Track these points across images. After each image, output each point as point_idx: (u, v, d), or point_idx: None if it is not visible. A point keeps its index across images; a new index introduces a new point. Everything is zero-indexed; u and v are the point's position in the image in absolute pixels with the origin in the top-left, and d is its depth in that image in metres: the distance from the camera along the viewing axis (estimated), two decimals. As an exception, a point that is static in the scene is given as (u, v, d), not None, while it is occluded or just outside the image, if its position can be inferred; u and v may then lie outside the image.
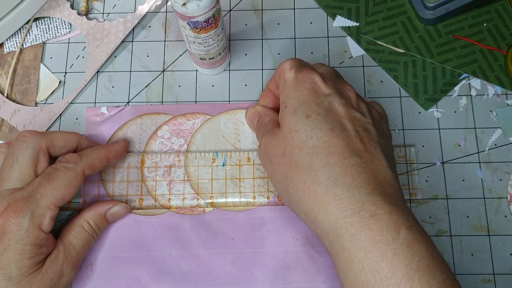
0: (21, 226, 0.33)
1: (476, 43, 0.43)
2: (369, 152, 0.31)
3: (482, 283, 0.38)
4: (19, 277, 0.33)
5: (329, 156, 0.30)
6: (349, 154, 0.30)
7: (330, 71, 0.37)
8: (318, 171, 0.30)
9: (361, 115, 0.33)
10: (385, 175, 0.30)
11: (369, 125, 0.32)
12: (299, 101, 0.32)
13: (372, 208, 0.28)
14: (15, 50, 0.45)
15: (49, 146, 0.36)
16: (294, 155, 0.31)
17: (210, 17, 0.35)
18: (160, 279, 0.38)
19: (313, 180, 0.30)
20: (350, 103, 0.33)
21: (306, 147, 0.31)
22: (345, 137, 0.31)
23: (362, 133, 0.31)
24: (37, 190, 0.34)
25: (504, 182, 0.40)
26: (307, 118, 0.31)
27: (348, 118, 0.32)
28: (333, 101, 0.32)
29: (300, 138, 0.31)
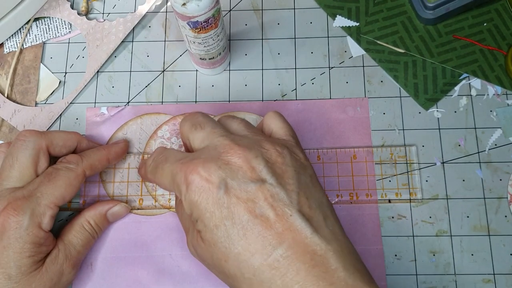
0: (21, 225, 0.33)
1: (476, 43, 0.43)
2: (288, 228, 0.28)
3: (482, 283, 0.37)
4: (18, 276, 0.33)
5: (253, 259, 0.28)
6: (270, 249, 0.28)
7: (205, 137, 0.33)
8: (251, 280, 0.28)
9: (260, 183, 0.29)
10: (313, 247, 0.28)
11: (274, 188, 0.29)
12: (202, 212, 0.30)
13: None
14: (15, 50, 0.45)
15: (49, 145, 0.36)
16: (223, 267, 0.30)
17: (210, 17, 0.35)
18: (160, 279, 0.38)
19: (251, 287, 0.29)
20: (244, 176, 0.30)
21: (230, 258, 0.29)
22: (260, 228, 0.28)
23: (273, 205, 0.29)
24: (38, 189, 0.34)
25: (504, 182, 0.40)
26: (217, 229, 0.29)
27: (251, 200, 0.29)
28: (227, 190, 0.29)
29: (221, 251, 0.29)
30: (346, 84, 0.43)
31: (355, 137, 0.41)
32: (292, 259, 0.28)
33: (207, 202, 0.29)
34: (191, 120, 0.34)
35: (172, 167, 0.32)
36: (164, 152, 0.34)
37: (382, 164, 0.40)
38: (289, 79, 0.43)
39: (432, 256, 0.38)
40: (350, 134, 0.41)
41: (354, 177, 0.40)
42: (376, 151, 0.40)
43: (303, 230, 0.28)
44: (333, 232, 0.30)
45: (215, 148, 0.31)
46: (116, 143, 0.40)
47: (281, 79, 0.43)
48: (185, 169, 0.30)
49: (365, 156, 0.40)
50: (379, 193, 0.39)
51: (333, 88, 0.43)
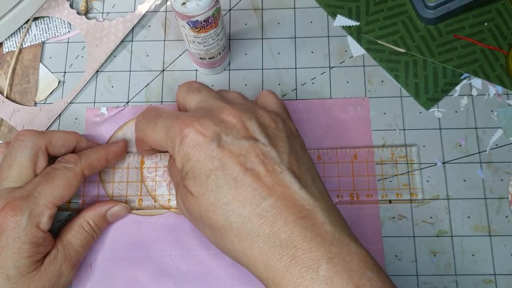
0: (19, 225, 0.32)
1: (477, 42, 0.43)
2: (278, 183, 0.29)
3: (483, 283, 0.37)
4: (17, 276, 0.32)
5: (243, 209, 0.29)
6: (259, 199, 0.29)
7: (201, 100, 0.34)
8: (239, 229, 0.29)
9: (253, 141, 0.30)
10: (302, 202, 0.29)
11: (265, 147, 0.30)
12: (194, 164, 0.30)
13: (292, 251, 0.27)
14: (14, 50, 0.44)
15: (48, 145, 0.36)
16: (211, 218, 0.30)
17: (209, 16, 0.35)
18: (160, 280, 0.38)
19: (238, 239, 0.29)
20: (237, 133, 0.31)
21: (218, 208, 0.29)
22: (250, 180, 0.29)
23: (264, 162, 0.30)
24: (36, 189, 0.34)
25: (505, 182, 0.40)
26: (207, 179, 0.30)
27: (243, 155, 0.30)
28: (220, 144, 0.30)
29: (210, 200, 0.30)
30: (346, 84, 0.43)
31: (356, 137, 0.41)
32: (281, 210, 0.28)
33: (200, 154, 0.30)
34: (188, 86, 0.35)
35: (166, 122, 0.32)
36: (156, 109, 0.35)
37: (382, 164, 0.40)
38: (289, 79, 0.43)
39: (432, 256, 0.38)
40: (350, 134, 0.41)
41: (355, 177, 0.40)
42: (376, 151, 0.40)
43: (292, 186, 0.29)
44: (320, 192, 0.31)
45: (211, 109, 0.32)
46: (115, 143, 0.40)
47: (281, 78, 0.43)
48: (180, 123, 0.31)
49: (365, 156, 0.40)
50: (380, 194, 0.39)
51: (334, 88, 0.43)
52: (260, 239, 0.28)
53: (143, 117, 0.35)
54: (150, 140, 0.34)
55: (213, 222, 0.30)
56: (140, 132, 0.35)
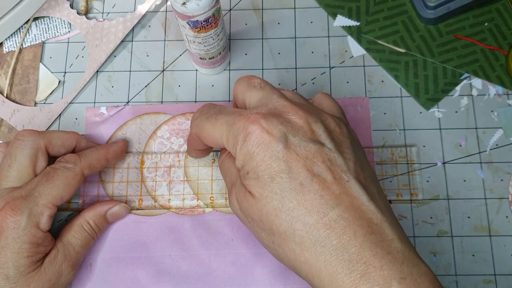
0: (19, 224, 0.33)
1: (477, 42, 0.43)
2: (345, 192, 0.28)
3: (483, 283, 0.37)
4: (16, 276, 0.32)
5: (309, 216, 0.27)
6: (327, 208, 0.27)
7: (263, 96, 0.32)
8: (303, 238, 0.27)
9: (320, 145, 0.29)
10: (370, 215, 0.28)
11: (332, 153, 0.29)
12: (257, 164, 0.29)
13: (362, 267, 0.26)
14: (14, 50, 0.44)
15: (48, 145, 0.36)
16: (273, 222, 0.28)
17: (210, 16, 0.35)
18: (160, 280, 0.38)
19: (301, 247, 0.28)
20: (304, 135, 0.29)
21: (282, 213, 0.28)
22: (317, 187, 0.28)
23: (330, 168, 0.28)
24: (36, 189, 0.34)
25: (505, 182, 0.40)
26: (272, 180, 0.28)
27: (310, 159, 0.28)
28: (287, 145, 0.29)
29: (273, 204, 0.28)
30: (346, 84, 0.43)
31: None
32: (350, 222, 0.27)
33: (264, 154, 0.29)
34: (248, 81, 0.33)
35: (228, 118, 0.31)
36: (215, 105, 0.33)
37: (382, 164, 0.40)
38: (290, 79, 0.43)
39: (433, 256, 0.38)
40: (350, 134, 0.41)
41: (355, 177, 0.40)
42: (376, 151, 0.40)
43: (360, 197, 0.28)
44: (386, 205, 0.29)
45: (275, 107, 0.30)
46: (115, 143, 0.40)
47: (281, 78, 0.43)
48: (244, 119, 0.30)
49: (365, 156, 0.40)
50: (380, 194, 0.39)
51: (334, 88, 0.43)
52: (327, 250, 0.27)
53: (200, 113, 0.33)
54: (208, 136, 0.32)
55: (274, 226, 0.28)
56: (198, 128, 0.33)
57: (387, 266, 0.26)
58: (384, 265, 0.26)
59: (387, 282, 0.26)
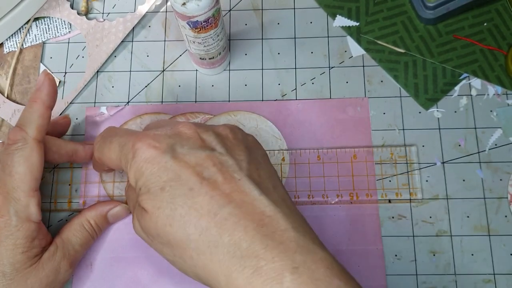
0: (9, 223, 0.32)
1: (477, 43, 0.43)
2: (236, 190, 0.28)
3: (483, 283, 0.37)
4: (13, 273, 0.32)
5: (201, 219, 0.27)
6: (217, 207, 0.27)
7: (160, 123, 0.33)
8: (198, 241, 0.27)
9: (209, 151, 0.29)
10: (262, 208, 0.27)
11: (222, 156, 0.29)
12: (147, 178, 0.29)
13: (254, 262, 0.25)
14: (15, 50, 0.45)
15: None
16: (169, 233, 0.28)
17: (209, 16, 0.35)
18: (160, 279, 0.38)
19: (197, 252, 0.27)
20: (193, 143, 0.30)
21: (175, 221, 0.28)
22: (207, 189, 0.28)
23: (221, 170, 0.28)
24: (7, 186, 0.33)
25: (504, 182, 0.40)
26: (162, 191, 0.28)
27: (199, 165, 0.29)
28: (175, 155, 0.29)
29: (165, 213, 0.28)
30: (346, 84, 0.43)
31: (355, 137, 0.41)
32: (240, 217, 0.27)
33: (153, 167, 0.29)
34: None
35: (120, 139, 0.32)
36: (113, 128, 0.35)
37: (382, 164, 0.40)
38: (289, 79, 0.43)
39: (432, 256, 0.38)
40: (350, 134, 0.41)
41: (354, 177, 0.40)
42: (376, 151, 0.40)
43: (252, 192, 0.28)
44: (282, 198, 0.29)
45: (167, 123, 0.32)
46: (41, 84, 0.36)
47: (281, 79, 0.43)
48: (133, 138, 0.30)
49: (365, 156, 0.40)
50: (379, 193, 0.39)
51: (333, 88, 0.43)
52: (220, 250, 0.26)
53: (101, 137, 0.34)
54: (106, 160, 0.33)
55: (170, 237, 0.28)
56: (98, 152, 0.34)
57: (279, 257, 0.25)
58: (276, 256, 0.25)
59: (279, 273, 0.25)
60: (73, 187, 0.40)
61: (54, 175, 0.40)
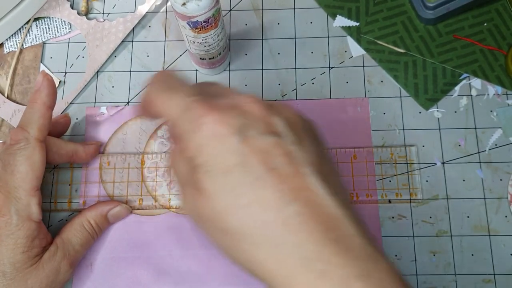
0: (10, 223, 0.33)
1: (477, 43, 0.43)
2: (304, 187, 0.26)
3: (483, 283, 0.37)
4: (13, 273, 0.33)
5: (263, 213, 0.25)
6: (283, 204, 0.25)
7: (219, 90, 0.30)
8: (257, 236, 0.25)
9: (278, 138, 0.27)
10: (329, 210, 0.26)
11: (291, 145, 0.27)
12: (209, 157, 0.26)
13: (319, 267, 0.24)
14: (15, 50, 0.45)
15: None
16: (225, 221, 0.26)
17: (210, 17, 0.35)
18: (160, 279, 0.38)
19: (254, 247, 0.25)
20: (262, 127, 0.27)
21: (235, 210, 0.26)
22: (274, 181, 0.25)
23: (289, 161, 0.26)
24: (8, 184, 0.33)
25: (504, 182, 0.40)
26: (225, 176, 0.26)
27: (268, 152, 0.26)
28: (244, 139, 0.26)
29: (226, 201, 0.26)
30: (346, 84, 0.43)
31: (355, 137, 0.41)
32: (307, 218, 0.25)
33: (218, 147, 0.26)
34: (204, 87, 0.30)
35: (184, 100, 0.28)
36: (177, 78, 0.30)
37: (382, 164, 0.40)
38: (289, 79, 0.43)
39: (432, 256, 0.38)
40: (350, 134, 0.41)
41: (354, 177, 0.40)
42: (376, 151, 0.40)
43: (319, 192, 0.26)
44: (347, 199, 0.28)
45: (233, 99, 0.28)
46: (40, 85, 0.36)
47: (281, 79, 0.43)
48: (200, 107, 0.27)
49: (365, 156, 0.40)
50: (379, 193, 0.39)
51: (333, 88, 0.43)
52: (282, 249, 0.25)
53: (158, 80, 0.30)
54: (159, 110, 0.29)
55: (227, 225, 0.26)
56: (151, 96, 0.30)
57: (347, 263, 0.24)
58: (343, 262, 0.24)
59: (347, 280, 0.24)
60: (73, 187, 0.40)
61: (54, 175, 0.40)
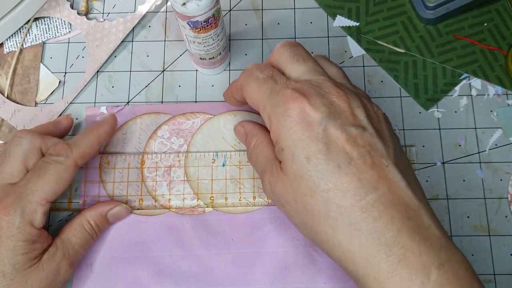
0: (12, 223, 0.32)
1: (477, 43, 0.43)
2: (384, 177, 0.28)
3: (483, 283, 0.37)
4: (13, 273, 0.32)
5: (345, 200, 0.27)
6: (364, 192, 0.27)
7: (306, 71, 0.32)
8: (337, 220, 0.27)
9: (361, 130, 0.29)
10: (407, 200, 0.28)
11: (373, 138, 0.29)
12: (294, 142, 0.29)
13: (400, 252, 0.26)
14: (15, 50, 0.45)
15: (43, 148, 0.36)
16: (307, 203, 0.28)
17: (210, 17, 0.35)
18: (160, 279, 0.38)
19: (334, 230, 0.28)
20: (346, 119, 0.29)
21: (317, 194, 0.28)
22: (355, 170, 0.28)
23: (370, 153, 0.28)
24: (27, 186, 0.33)
25: (504, 182, 0.40)
26: (308, 161, 0.28)
27: (350, 142, 0.28)
28: (328, 127, 0.28)
29: (308, 184, 0.28)
30: (346, 84, 0.43)
31: (355, 137, 0.41)
32: (387, 206, 0.27)
33: (303, 132, 0.29)
34: (292, 50, 0.33)
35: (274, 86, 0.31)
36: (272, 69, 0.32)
37: (382, 164, 0.40)
38: (289, 79, 0.43)
39: (432, 256, 0.38)
40: (350, 134, 0.41)
41: (354, 177, 0.40)
42: (376, 151, 0.40)
43: (398, 182, 0.28)
44: (421, 192, 0.30)
45: (319, 86, 0.30)
46: (105, 122, 0.38)
47: (281, 79, 0.43)
48: (289, 93, 0.30)
49: (365, 156, 0.40)
50: (379, 193, 0.39)
51: (333, 88, 0.43)
52: (363, 234, 0.27)
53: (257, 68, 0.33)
54: (249, 93, 0.32)
55: (308, 207, 0.28)
56: (245, 81, 0.33)
57: (426, 251, 0.26)
58: (423, 250, 0.26)
59: (426, 267, 0.26)
60: (73, 187, 0.40)
61: (54, 175, 0.40)
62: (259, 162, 0.33)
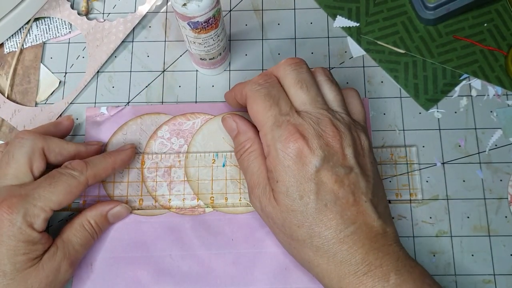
0: (14, 223, 0.32)
1: (477, 43, 0.43)
2: (362, 212, 0.32)
3: (483, 283, 0.37)
4: (13, 273, 0.33)
5: (327, 231, 0.31)
6: (344, 226, 0.31)
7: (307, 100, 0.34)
8: (319, 247, 0.32)
9: (348, 170, 0.32)
10: (377, 229, 0.32)
11: (357, 177, 0.32)
12: (289, 179, 0.32)
13: (366, 268, 0.31)
14: (15, 50, 0.45)
15: (45, 149, 0.36)
16: (294, 231, 0.32)
17: (210, 17, 0.35)
18: (160, 280, 0.38)
19: (315, 253, 0.32)
20: (337, 160, 0.32)
21: (304, 226, 0.32)
22: (339, 208, 0.32)
23: (353, 192, 0.32)
24: (36, 190, 0.34)
25: (504, 182, 0.40)
26: (300, 198, 0.32)
27: (338, 183, 0.32)
28: (321, 170, 0.32)
29: (297, 217, 0.32)
30: (346, 84, 0.43)
31: (356, 137, 0.41)
32: (360, 236, 0.31)
33: (298, 172, 0.32)
34: (297, 73, 0.35)
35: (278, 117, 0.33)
36: (281, 89, 0.35)
37: (382, 164, 0.40)
38: (289, 80, 0.43)
39: (432, 256, 0.38)
40: (350, 135, 0.41)
41: (355, 177, 0.40)
42: (376, 151, 0.40)
43: (372, 215, 0.32)
44: (389, 215, 0.34)
45: (318, 122, 0.33)
46: (123, 150, 0.39)
47: (281, 79, 0.43)
48: (291, 130, 0.32)
49: (365, 157, 0.40)
50: (379, 194, 0.39)
51: (333, 89, 0.43)
52: (338, 257, 0.31)
53: (264, 87, 0.34)
54: (253, 109, 0.34)
55: (295, 234, 0.32)
56: (251, 94, 0.35)
57: (386, 263, 0.31)
58: (383, 263, 0.31)
59: (386, 274, 0.31)
60: (73, 187, 0.40)
61: (55, 175, 0.40)
62: (250, 172, 0.35)
